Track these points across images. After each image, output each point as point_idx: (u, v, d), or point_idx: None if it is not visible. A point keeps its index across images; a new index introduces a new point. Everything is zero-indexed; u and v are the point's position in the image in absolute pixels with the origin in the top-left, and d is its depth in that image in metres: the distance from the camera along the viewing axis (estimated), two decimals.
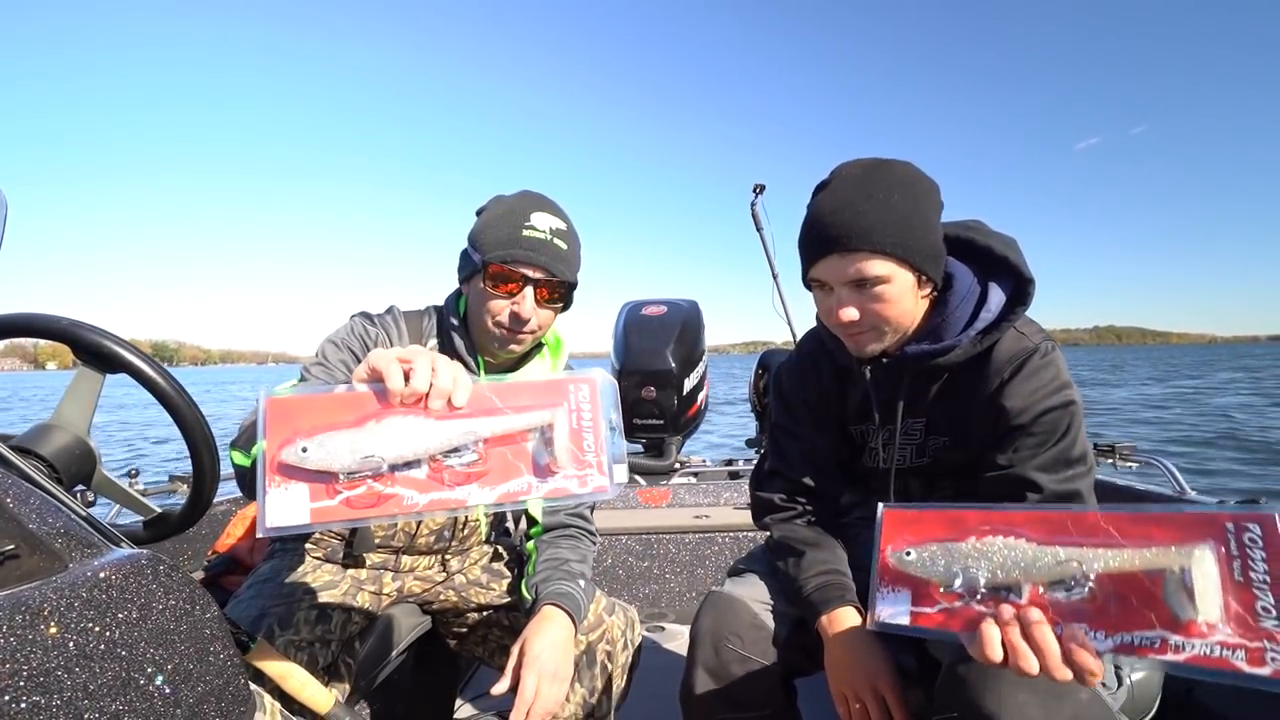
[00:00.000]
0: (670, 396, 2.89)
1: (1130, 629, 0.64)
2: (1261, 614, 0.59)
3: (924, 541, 0.79)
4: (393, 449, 0.65)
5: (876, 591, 0.82)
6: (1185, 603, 0.62)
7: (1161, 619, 0.63)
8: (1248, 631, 0.59)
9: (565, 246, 1.14)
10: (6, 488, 0.57)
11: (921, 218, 0.93)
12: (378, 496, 0.66)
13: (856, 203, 0.92)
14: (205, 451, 1.00)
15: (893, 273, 0.92)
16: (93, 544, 0.57)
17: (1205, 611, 0.61)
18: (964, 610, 0.74)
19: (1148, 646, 0.63)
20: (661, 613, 2.43)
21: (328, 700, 0.95)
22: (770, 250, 3.52)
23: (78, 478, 0.97)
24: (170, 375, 0.97)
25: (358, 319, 1.19)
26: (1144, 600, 0.65)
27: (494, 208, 1.15)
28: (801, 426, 1.17)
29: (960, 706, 0.82)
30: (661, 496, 2.55)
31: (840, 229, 0.92)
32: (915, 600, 0.78)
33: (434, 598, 1.30)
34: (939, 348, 0.98)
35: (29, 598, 0.47)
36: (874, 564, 0.83)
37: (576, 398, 0.71)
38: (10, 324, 0.91)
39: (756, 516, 1.24)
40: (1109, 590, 0.67)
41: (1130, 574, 0.66)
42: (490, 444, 0.69)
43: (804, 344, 1.22)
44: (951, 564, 0.76)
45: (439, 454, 0.67)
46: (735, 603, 1.10)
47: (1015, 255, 0.98)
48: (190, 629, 0.56)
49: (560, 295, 1.16)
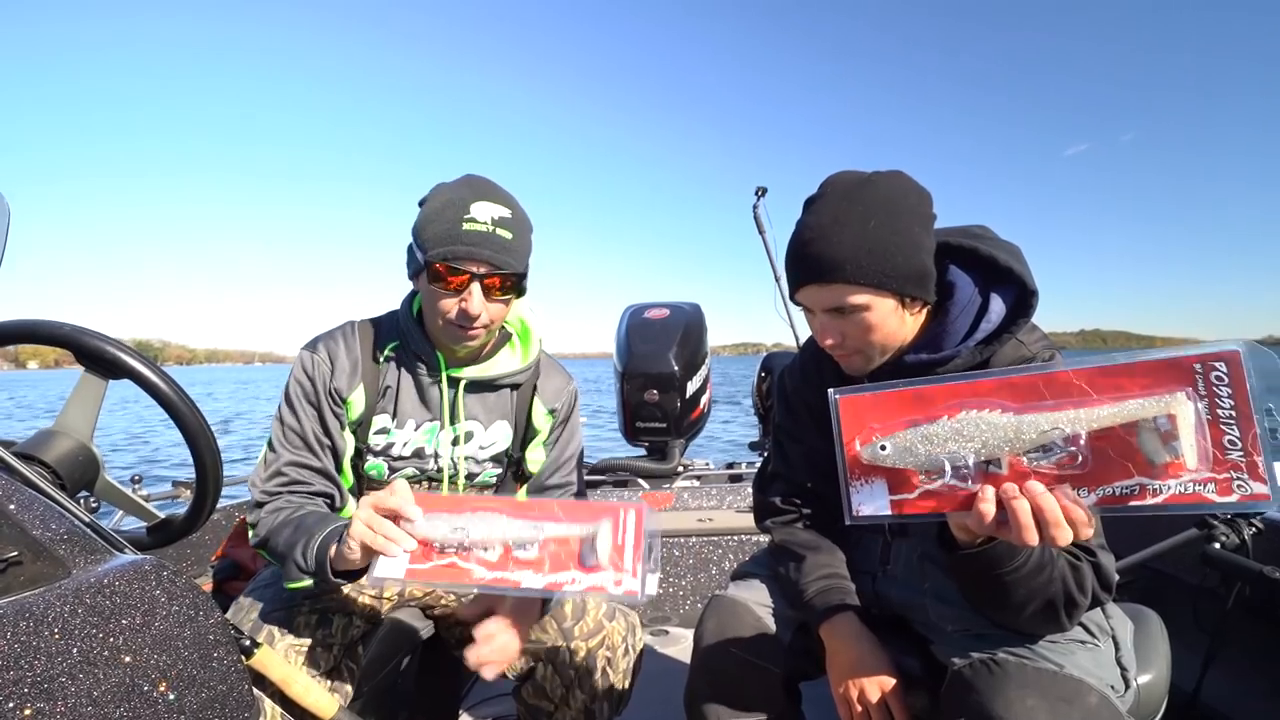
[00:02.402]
0: (673, 400, 2.89)
1: (1110, 481, 0.66)
2: (1228, 447, 0.62)
3: (893, 429, 0.74)
4: (478, 531, 0.85)
5: (849, 487, 0.77)
6: (1159, 448, 0.64)
7: (1138, 467, 0.65)
8: (1217, 465, 0.62)
9: (510, 236, 1.09)
10: (10, 494, 0.57)
11: (902, 241, 0.91)
12: (456, 570, 0.84)
13: (832, 234, 0.91)
14: (208, 457, 1.00)
15: (871, 301, 0.92)
16: (96, 550, 0.58)
17: (1187, 456, 0.63)
18: (951, 490, 0.72)
19: (1128, 495, 0.65)
20: (665, 616, 2.42)
21: (331, 705, 0.94)
22: (772, 253, 3.52)
23: (81, 484, 0.97)
24: (174, 381, 0.97)
25: (303, 354, 1.18)
26: (1120, 452, 0.66)
27: (434, 199, 1.11)
28: (803, 429, 1.17)
29: (967, 712, 0.82)
30: (664, 500, 2.54)
31: (815, 261, 0.92)
32: (893, 489, 0.75)
33: (435, 602, 1.29)
34: (938, 357, 0.97)
35: (33, 604, 0.47)
36: (840, 458, 0.78)
37: (625, 519, 0.87)
38: (13, 331, 0.91)
39: (758, 519, 1.25)
40: (1088, 449, 0.67)
41: (1107, 429, 0.66)
42: (548, 544, 0.86)
43: (808, 346, 1.22)
44: (932, 450, 0.71)
45: (510, 544, 0.85)
46: (739, 606, 1.10)
47: (1019, 266, 0.95)
48: (193, 634, 0.57)
49: (509, 287, 1.12)
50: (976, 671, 0.85)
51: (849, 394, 0.79)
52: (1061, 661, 0.86)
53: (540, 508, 0.88)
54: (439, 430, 1.22)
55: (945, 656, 0.95)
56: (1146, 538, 1.73)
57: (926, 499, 0.73)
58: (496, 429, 1.27)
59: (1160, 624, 1.13)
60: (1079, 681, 0.82)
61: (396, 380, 1.21)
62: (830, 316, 0.95)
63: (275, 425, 1.16)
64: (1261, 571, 1.31)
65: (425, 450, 1.22)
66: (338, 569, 0.95)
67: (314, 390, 1.15)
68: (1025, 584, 0.82)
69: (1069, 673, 0.84)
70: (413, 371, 1.21)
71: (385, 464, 1.22)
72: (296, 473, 1.13)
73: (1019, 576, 0.81)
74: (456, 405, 1.22)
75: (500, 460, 1.30)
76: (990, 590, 0.84)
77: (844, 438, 0.78)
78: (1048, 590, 0.83)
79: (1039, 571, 0.82)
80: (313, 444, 1.15)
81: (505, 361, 1.26)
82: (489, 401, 1.26)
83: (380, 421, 1.20)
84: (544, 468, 1.33)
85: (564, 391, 1.33)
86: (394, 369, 1.21)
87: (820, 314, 0.96)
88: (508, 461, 1.31)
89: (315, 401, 1.15)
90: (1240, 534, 1.48)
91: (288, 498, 1.11)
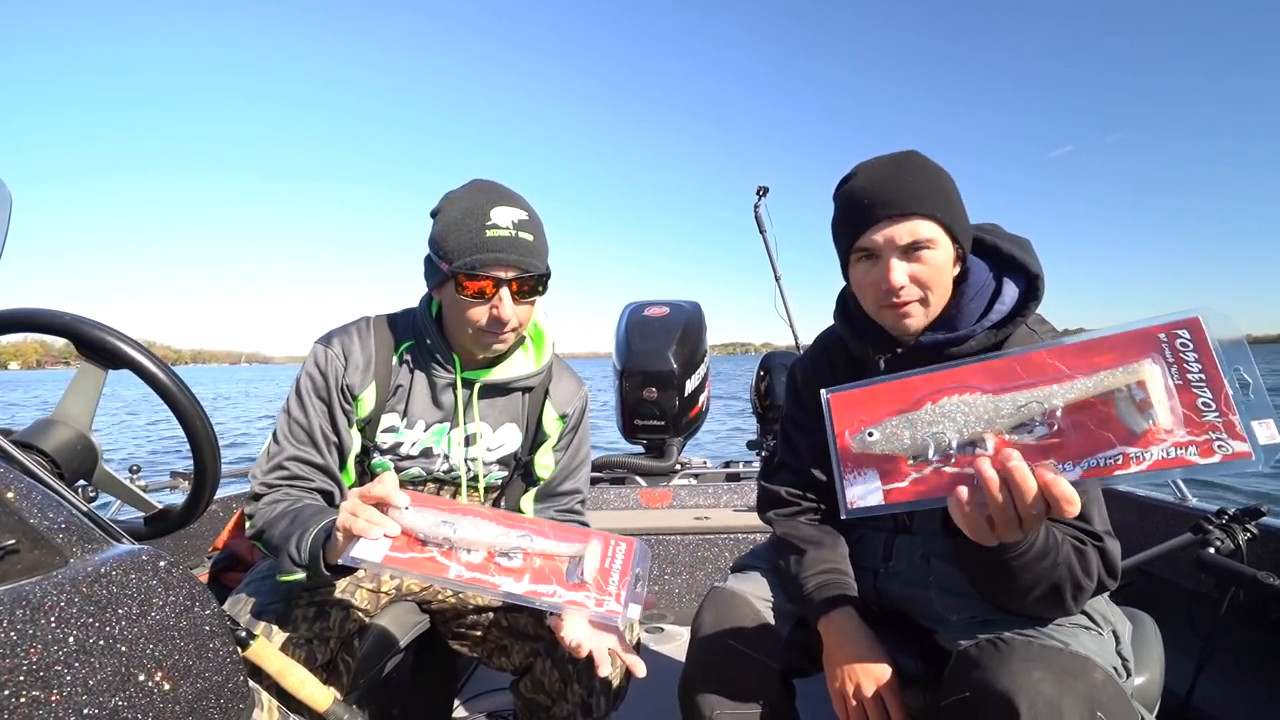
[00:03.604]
0: (671, 398, 2.89)
1: (1093, 452, 0.67)
2: (1203, 409, 0.64)
3: (881, 419, 0.77)
4: (464, 534, 0.85)
5: (842, 479, 0.79)
6: (1137, 416, 0.66)
7: (1119, 436, 0.67)
8: (1195, 428, 0.64)
9: (531, 237, 1.10)
10: (8, 482, 0.57)
11: (956, 194, 0.98)
12: (435, 563, 0.84)
13: (900, 174, 0.96)
14: (207, 448, 1.00)
15: (939, 237, 0.95)
16: (93, 539, 0.58)
17: (1161, 418, 0.65)
18: (939, 475, 0.73)
19: (1113, 464, 0.66)
20: (661, 614, 2.43)
21: (326, 697, 0.95)
22: (773, 253, 3.52)
23: (79, 473, 0.97)
24: (173, 371, 0.97)
25: (316, 347, 1.18)
26: (1100, 423, 0.68)
27: (450, 209, 1.11)
28: (812, 419, 1.17)
29: (971, 687, 0.81)
30: (662, 498, 2.55)
31: (891, 194, 0.94)
32: (884, 479, 0.76)
33: (432, 597, 1.30)
34: (954, 336, 0.99)
35: (29, 592, 0.48)
36: (833, 453, 0.80)
37: (614, 548, 0.88)
38: (12, 319, 0.91)
39: (761, 509, 1.25)
40: (1067, 422, 0.69)
41: (1084, 402, 0.68)
42: (533, 556, 0.87)
43: (820, 339, 1.24)
44: (916, 434, 0.74)
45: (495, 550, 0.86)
46: (737, 598, 1.10)
47: (1024, 254, 1.00)
48: (190, 625, 0.57)
49: (536, 288, 1.13)
50: (982, 649, 0.85)
51: (839, 391, 0.83)
52: (1067, 640, 0.87)
53: (532, 524, 0.88)
54: (449, 431, 1.22)
55: (950, 643, 0.95)
56: (1142, 542, 1.73)
57: (917, 485, 0.74)
58: (505, 431, 1.27)
59: (1155, 627, 1.13)
60: (1085, 658, 0.82)
61: (409, 380, 1.21)
62: (900, 257, 0.96)
63: (281, 418, 1.15)
64: (1256, 577, 1.31)
65: (434, 451, 1.22)
66: (330, 562, 0.95)
67: (325, 385, 1.15)
68: (1031, 569, 0.82)
69: (1075, 649, 0.84)
70: (427, 372, 1.21)
71: (391, 463, 1.22)
72: (297, 467, 1.13)
73: (1024, 561, 0.81)
74: (470, 408, 1.22)
75: (507, 463, 1.30)
76: (996, 576, 0.85)
77: (836, 431, 0.80)
78: (1053, 575, 0.84)
79: (1044, 556, 0.82)
80: (318, 440, 1.14)
81: (519, 365, 1.26)
82: (499, 404, 1.26)
83: (389, 420, 1.20)
84: (555, 474, 1.32)
85: (576, 396, 1.33)
86: (407, 369, 1.21)
87: (889, 254, 0.96)
88: (515, 464, 1.31)
89: (325, 397, 1.15)
90: (1235, 539, 1.48)
91: (286, 490, 1.11)
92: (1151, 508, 1.94)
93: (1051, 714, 0.73)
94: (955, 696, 0.84)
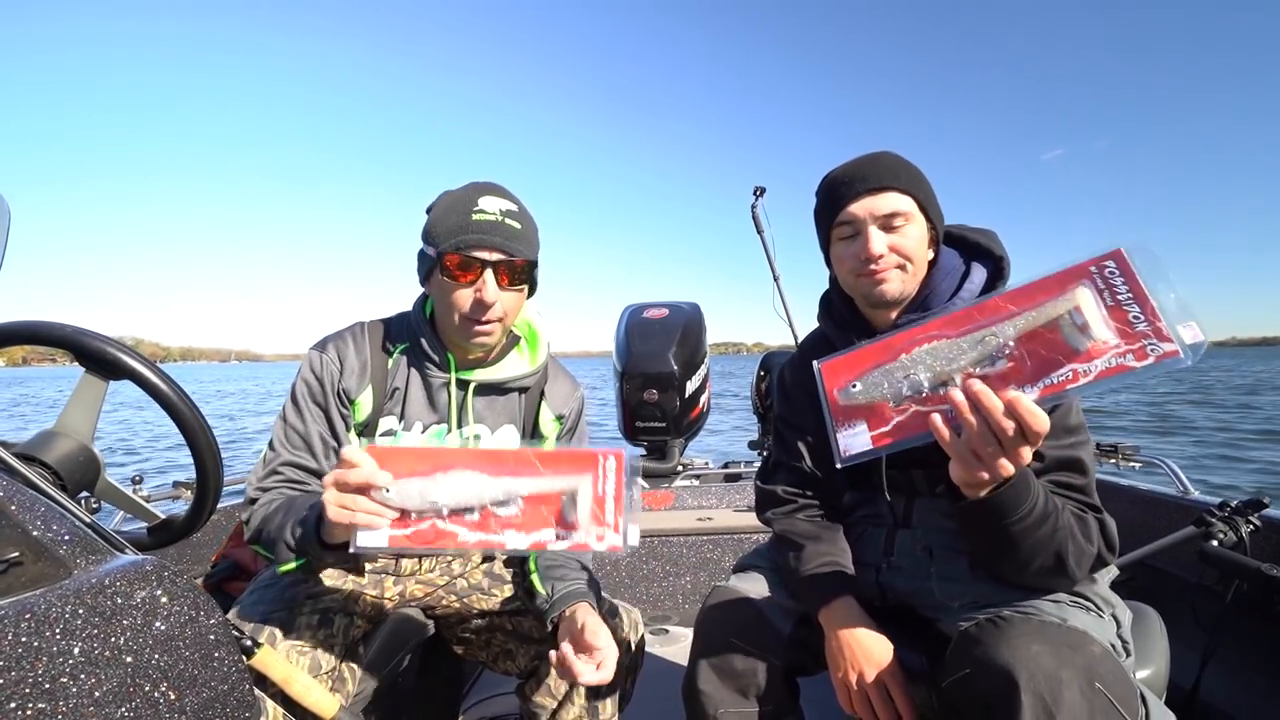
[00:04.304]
0: (672, 399, 2.89)
1: (1047, 373, 0.78)
2: (1134, 322, 0.75)
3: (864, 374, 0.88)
4: (452, 498, 0.82)
5: (835, 433, 0.87)
6: (1079, 337, 0.76)
7: (1066, 355, 0.77)
8: (1129, 339, 0.75)
9: (519, 226, 1.12)
10: (11, 495, 0.58)
11: (929, 183, 1.07)
12: (438, 533, 0.83)
13: (877, 159, 1.06)
14: (209, 458, 1.00)
15: (915, 213, 1.04)
16: (97, 550, 0.58)
17: (1098, 334, 0.75)
18: (917, 415, 0.82)
19: (1064, 380, 0.76)
20: (665, 615, 2.43)
21: (332, 705, 0.95)
22: (771, 253, 3.52)
23: (82, 484, 0.97)
24: (174, 382, 0.97)
25: (311, 354, 1.18)
26: (1049, 347, 0.78)
27: (442, 201, 1.14)
28: (803, 417, 1.19)
29: (972, 663, 0.82)
30: (664, 499, 2.55)
31: (869, 170, 1.04)
32: (871, 426, 0.85)
33: (436, 603, 1.30)
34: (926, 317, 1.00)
35: (34, 604, 0.48)
36: (825, 412, 0.88)
37: (604, 467, 0.86)
38: (12, 333, 0.91)
39: (760, 510, 1.26)
40: (1021, 351, 0.79)
41: (1034, 332, 0.79)
42: (529, 501, 0.84)
43: (808, 339, 1.28)
44: (893, 381, 0.84)
45: (489, 505, 0.84)
46: (739, 598, 1.10)
47: (989, 241, 1.09)
48: (194, 634, 0.57)
49: (522, 276, 1.13)
50: (982, 627, 0.87)
51: (828, 360, 0.91)
52: (1066, 617, 0.89)
53: (516, 459, 0.86)
54: (446, 434, 1.22)
55: (952, 627, 0.95)
56: (1145, 535, 1.73)
57: (899, 427, 0.83)
58: (504, 433, 1.27)
59: (1159, 621, 1.13)
60: (1083, 632, 0.83)
61: (405, 382, 1.21)
62: (880, 227, 1.03)
63: (278, 425, 1.16)
64: (1259, 569, 1.31)
65: None
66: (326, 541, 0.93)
67: (322, 391, 1.15)
68: (1031, 533, 0.86)
69: (1073, 625, 0.86)
70: (422, 373, 1.21)
71: None
72: (293, 473, 1.13)
73: (1025, 526, 0.85)
74: (465, 408, 1.22)
75: None
76: (998, 542, 0.88)
77: (827, 392, 0.89)
78: (1054, 540, 0.87)
79: (1044, 520, 0.86)
80: (314, 446, 1.15)
81: (514, 365, 1.26)
82: (497, 405, 1.26)
83: (387, 424, 1.20)
84: None
85: (572, 397, 1.33)
86: (403, 370, 1.21)
87: (869, 226, 1.03)
88: None
89: (322, 403, 1.15)
90: (1238, 531, 1.48)
91: (281, 493, 1.12)
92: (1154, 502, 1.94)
93: (1051, 686, 0.74)
94: (956, 674, 0.85)
